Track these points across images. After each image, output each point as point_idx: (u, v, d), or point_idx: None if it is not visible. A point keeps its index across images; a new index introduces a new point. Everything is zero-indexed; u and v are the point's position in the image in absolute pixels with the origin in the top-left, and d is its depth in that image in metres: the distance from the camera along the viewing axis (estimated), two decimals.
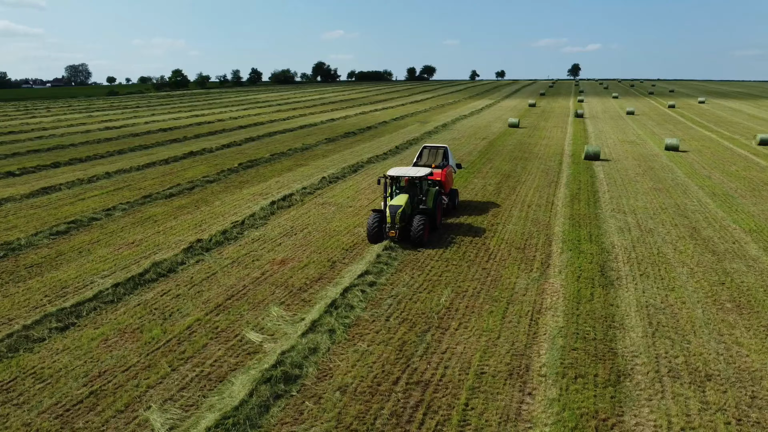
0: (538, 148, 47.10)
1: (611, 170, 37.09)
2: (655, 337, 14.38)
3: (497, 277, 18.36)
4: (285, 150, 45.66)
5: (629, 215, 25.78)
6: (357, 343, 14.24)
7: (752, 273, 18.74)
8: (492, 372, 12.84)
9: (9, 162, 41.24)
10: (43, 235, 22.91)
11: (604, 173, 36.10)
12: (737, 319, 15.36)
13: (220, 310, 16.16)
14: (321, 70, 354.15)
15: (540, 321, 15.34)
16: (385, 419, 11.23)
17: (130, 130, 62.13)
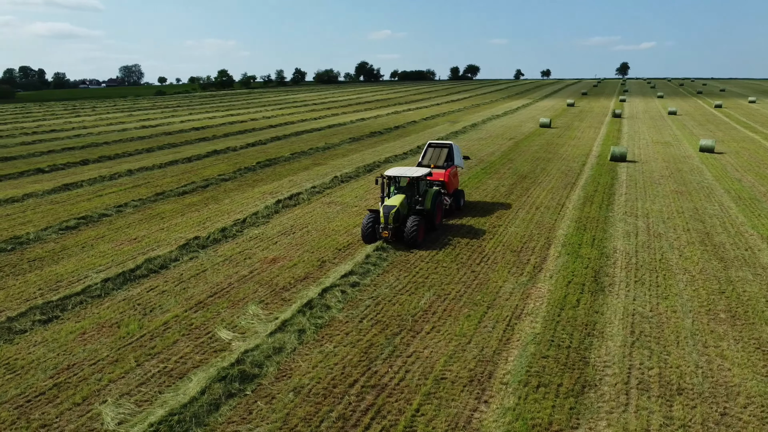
0: (564, 149, 45.98)
1: (635, 172, 35.86)
2: (634, 347, 13.76)
3: (484, 281, 17.95)
4: (306, 149, 45.97)
5: (641, 219, 24.83)
6: (324, 344, 14.14)
7: (758, 282, 17.76)
8: (453, 378, 12.53)
9: (43, 159, 42.88)
10: (52, 230, 23.65)
11: (626, 175, 34.93)
12: (728, 331, 14.56)
13: (199, 308, 16.32)
14: (364, 70, 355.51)
15: (516, 327, 14.90)
16: (331, 422, 11.08)
17: (164, 129, 63.74)
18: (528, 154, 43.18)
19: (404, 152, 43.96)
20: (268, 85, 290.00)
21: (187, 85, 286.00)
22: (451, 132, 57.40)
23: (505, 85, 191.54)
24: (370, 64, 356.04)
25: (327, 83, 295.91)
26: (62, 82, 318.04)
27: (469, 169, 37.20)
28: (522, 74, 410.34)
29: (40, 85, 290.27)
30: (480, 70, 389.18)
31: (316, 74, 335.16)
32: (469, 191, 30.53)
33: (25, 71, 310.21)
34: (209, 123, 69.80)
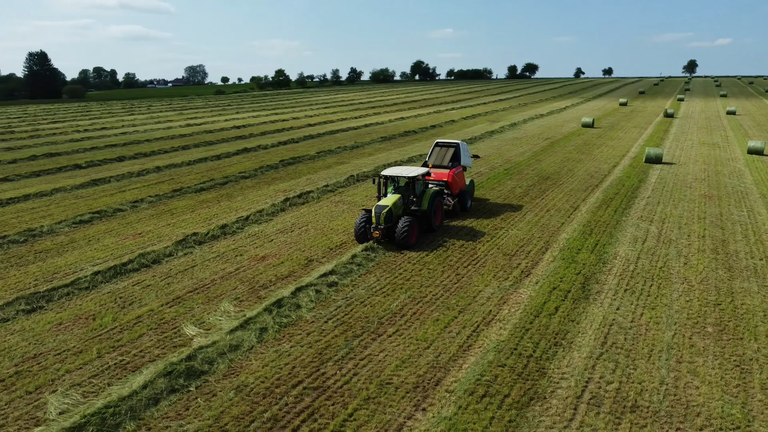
0: (600, 150, 44.33)
1: (668, 174, 34.15)
2: (600, 360, 13.04)
3: (466, 284, 17.47)
4: (334, 148, 46.19)
5: (655, 224, 23.59)
6: (283, 343, 14.09)
7: (762, 294, 16.53)
8: (398, 383, 12.22)
9: (84, 155, 44.85)
10: (65, 224, 24.64)
11: (657, 178, 33.31)
12: (710, 346, 13.60)
13: (175, 303, 16.58)
14: (419, 69, 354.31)
15: (482, 333, 14.41)
16: (261, 423, 11.01)
17: (207, 128, 65.50)
18: (559, 155, 41.87)
19: (424, 153, 43.41)
20: (324, 84, 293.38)
21: (246, 85, 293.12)
22: (487, 131, 56.39)
23: (561, 83, 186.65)
24: (425, 63, 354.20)
25: (382, 82, 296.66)
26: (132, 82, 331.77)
27: (492, 169, 36.42)
28: (582, 72, 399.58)
29: (112, 84, 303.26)
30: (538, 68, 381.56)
31: (371, 73, 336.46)
32: (484, 192, 29.87)
33: (99, 72, 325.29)
34: (251, 122, 71.25)
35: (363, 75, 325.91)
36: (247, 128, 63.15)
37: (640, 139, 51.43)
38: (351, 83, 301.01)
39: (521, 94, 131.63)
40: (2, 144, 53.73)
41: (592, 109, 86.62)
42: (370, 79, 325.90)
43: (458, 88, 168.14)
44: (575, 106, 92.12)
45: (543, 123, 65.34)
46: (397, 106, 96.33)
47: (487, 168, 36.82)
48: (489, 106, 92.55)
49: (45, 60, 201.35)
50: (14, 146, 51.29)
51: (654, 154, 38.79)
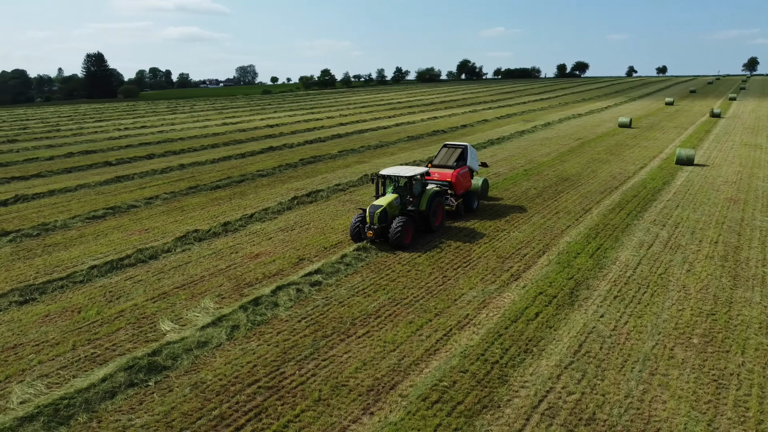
0: (630, 151, 42.83)
1: (696, 177, 32.68)
2: (568, 369, 12.54)
3: (450, 287, 17.13)
4: (358, 147, 46.22)
5: (667, 228, 22.58)
6: (251, 341, 14.13)
7: (762, 305, 15.58)
8: (353, 385, 12.06)
9: (117, 153, 46.36)
10: (79, 219, 25.46)
11: (683, 180, 31.92)
12: (690, 358, 12.88)
13: (160, 298, 16.87)
14: (465, 68, 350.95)
15: (453, 337, 14.08)
16: (207, 420, 11.04)
17: (241, 126, 66.69)
18: (586, 156, 40.67)
19: None
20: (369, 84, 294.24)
21: (293, 85, 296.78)
22: (518, 131, 55.31)
23: (609, 83, 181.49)
24: (472, 62, 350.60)
25: (428, 82, 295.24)
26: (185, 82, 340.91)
27: (512, 169, 35.68)
28: (635, 71, 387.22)
29: (166, 84, 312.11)
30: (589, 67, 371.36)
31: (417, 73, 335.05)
32: (497, 192, 29.28)
33: (155, 72, 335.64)
34: (286, 121, 72.11)
35: (409, 75, 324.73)
36: (279, 127, 63.93)
37: (678, 140, 49.44)
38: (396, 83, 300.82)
39: (565, 93, 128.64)
40: (46, 141, 56.09)
41: (634, 108, 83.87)
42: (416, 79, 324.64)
43: (502, 87, 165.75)
44: (617, 106, 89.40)
45: (579, 123, 63.66)
46: (435, 106, 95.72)
47: (507, 168, 36.11)
48: (527, 106, 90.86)
49: (102, 61, 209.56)
50: (56, 144, 53.44)
51: (685, 155, 37.19)
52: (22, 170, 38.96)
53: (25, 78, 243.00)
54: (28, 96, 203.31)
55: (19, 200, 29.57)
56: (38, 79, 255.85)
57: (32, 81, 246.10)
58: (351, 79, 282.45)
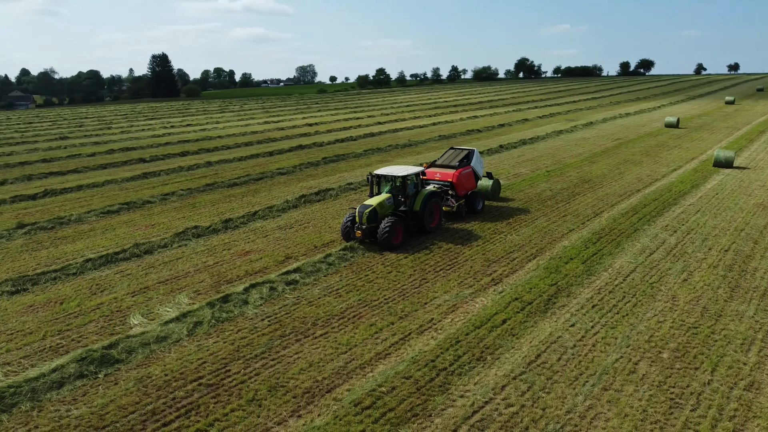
0: (669, 153, 40.82)
1: (730, 180, 30.80)
2: (516, 380, 12.01)
3: (426, 290, 16.76)
4: (384, 146, 46.06)
5: (678, 234, 21.36)
6: (210, 338, 14.25)
7: (754, 320, 14.48)
8: (291, 387, 11.96)
9: (155, 150, 47.94)
10: (94, 214, 26.43)
11: (716, 183, 30.14)
12: (652, 374, 12.09)
13: (140, 292, 17.26)
14: (524, 67, 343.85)
15: (410, 342, 13.75)
16: (139, 414, 11.18)
17: (280, 125, 67.80)
18: (618, 157, 39.03)
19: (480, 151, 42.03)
20: (424, 83, 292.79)
21: (348, 84, 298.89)
22: (555, 131, 53.72)
23: (671, 81, 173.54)
24: (530, 61, 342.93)
25: (485, 81, 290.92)
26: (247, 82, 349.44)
27: (535, 170, 34.68)
28: (704, 69, 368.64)
29: (229, 84, 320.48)
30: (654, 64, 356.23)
31: (473, 72, 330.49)
32: (511, 193, 28.50)
33: (219, 72, 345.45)
34: (325, 120, 72.76)
35: (466, 73, 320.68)
36: (316, 126, 64.53)
37: (725, 141, 46.76)
38: (451, 82, 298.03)
39: (620, 92, 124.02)
40: (95, 138, 58.65)
41: (689, 108, 79.94)
42: (473, 78, 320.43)
43: (557, 86, 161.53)
44: (672, 105, 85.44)
45: (623, 122, 61.22)
46: (480, 105, 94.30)
47: (529, 169, 35.11)
48: (576, 105, 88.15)
49: (166, 62, 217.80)
50: (101, 141, 55.82)
51: (724, 157, 35.11)
52: (62, 166, 40.85)
53: (98, 78, 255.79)
54: (99, 95, 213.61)
55: (48, 195, 30.98)
56: (110, 79, 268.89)
57: (104, 81, 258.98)
58: (406, 78, 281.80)
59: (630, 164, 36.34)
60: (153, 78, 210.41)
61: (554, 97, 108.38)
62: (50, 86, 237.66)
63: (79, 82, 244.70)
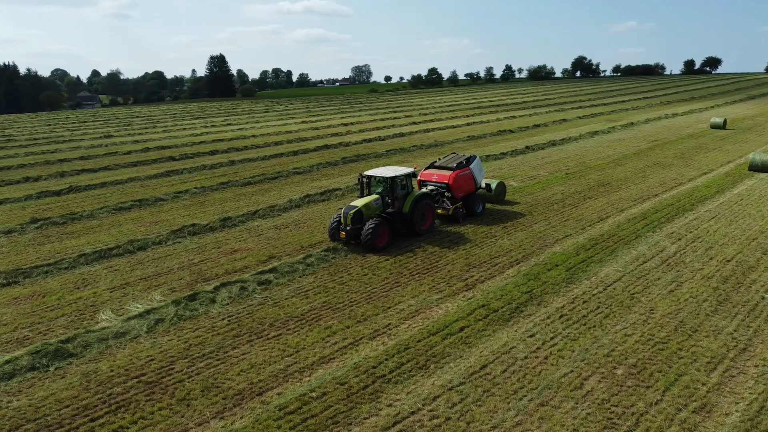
0: (705, 155, 38.78)
1: (761, 185, 28.96)
2: (450, 392, 11.62)
3: (394, 294, 16.48)
4: (408, 147, 45.72)
5: (682, 242, 20.23)
6: (167, 335, 14.43)
7: (732, 336, 13.51)
8: (224, 388, 11.97)
9: (188, 149, 49.24)
10: (107, 210, 27.34)
11: (743, 188, 28.41)
12: (599, 390, 11.44)
13: (120, 288, 17.71)
14: (581, 65, 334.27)
15: (359, 347, 13.55)
16: (74, 408, 11.44)
17: (317, 125, 68.48)
18: (649, 160, 37.35)
19: (502, 152, 41.20)
20: (476, 82, 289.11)
21: (400, 84, 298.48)
22: (590, 132, 51.96)
23: (735, 80, 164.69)
24: (588, 59, 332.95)
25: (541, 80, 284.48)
26: (304, 82, 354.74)
27: (554, 172, 33.63)
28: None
29: (286, 84, 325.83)
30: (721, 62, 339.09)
31: (528, 71, 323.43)
32: (520, 196, 27.72)
33: (277, 72, 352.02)
34: (361, 120, 72.96)
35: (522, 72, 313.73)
36: (351, 126, 64.74)
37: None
38: (505, 81, 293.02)
39: (676, 91, 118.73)
40: (137, 137, 60.79)
41: (745, 108, 75.71)
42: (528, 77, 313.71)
43: (611, 85, 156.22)
44: (727, 105, 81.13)
45: (667, 124, 58.59)
46: (523, 104, 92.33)
47: (548, 171, 34.06)
48: (623, 105, 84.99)
49: (223, 63, 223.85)
50: (141, 140, 57.82)
51: (760, 161, 33.05)
52: (96, 163, 42.53)
53: (161, 79, 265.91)
54: (160, 95, 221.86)
55: (72, 191, 32.28)
56: (174, 79, 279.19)
57: (168, 82, 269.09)
58: (458, 77, 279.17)
59: (658, 167, 34.69)
60: (210, 78, 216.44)
61: (604, 97, 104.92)
62: (117, 87, 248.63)
63: (144, 82, 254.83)
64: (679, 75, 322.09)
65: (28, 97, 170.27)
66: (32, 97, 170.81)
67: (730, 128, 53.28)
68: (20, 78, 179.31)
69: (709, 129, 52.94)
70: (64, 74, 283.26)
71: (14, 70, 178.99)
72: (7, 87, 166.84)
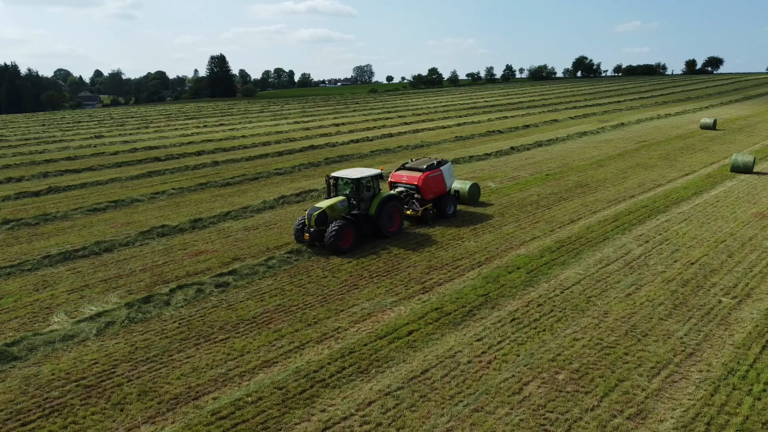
0: (690, 156, 38.58)
1: (740, 186, 28.77)
2: (386, 397, 11.51)
3: (349, 297, 16.38)
4: (393, 147, 45.62)
5: (649, 245, 20.09)
6: (116, 338, 14.35)
7: (680, 342, 13.37)
8: (161, 392, 11.87)
9: (174, 149, 49.14)
10: (80, 211, 27.28)
11: (722, 190, 28.23)
12: (537, 396, 11.32)
13: (78, 290, 17.63)
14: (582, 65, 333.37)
15: (304, 351, 13.46)
16: (7, 413, 11.35)
17: (308, 125, 68.36)
18: (632, 161, 37.18)
19: (486, 153, 41.06)
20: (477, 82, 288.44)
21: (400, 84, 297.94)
22: (578, 132, 51.79)
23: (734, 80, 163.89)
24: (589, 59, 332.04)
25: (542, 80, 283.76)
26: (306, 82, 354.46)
27: (535, 173, 33.48)
28: None
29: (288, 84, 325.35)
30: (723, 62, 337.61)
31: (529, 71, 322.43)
32: (495, 197, 27.59)
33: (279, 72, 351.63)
34: (353, 121, 72.84)
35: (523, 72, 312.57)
36: (341, 127, 64.62)
37: (759, 144, 43.81)
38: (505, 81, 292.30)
39: (673, 91, 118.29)
40: (127, 137, 60.76)
41: (740, 109, 75.37)
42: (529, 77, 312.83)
43: (610, 85, 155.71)
44: (723, 105, 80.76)
45: (658, 124, 58.35)
46: (518, 105, 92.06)
47: (529, 172, 33.92)
48: (618, 105, 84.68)
49: (223, 63, 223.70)
50: (130, 140, 57.81)
51: (742, 162, 32.85)
52: (82, 164, 42.51)
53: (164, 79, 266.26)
54: (161, 96, 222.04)
55: (51, 192, 32.24)
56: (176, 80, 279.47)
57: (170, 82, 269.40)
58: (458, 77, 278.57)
59: (641, 168, 34.53)
60: (211, 79, 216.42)
61: (600, 97, 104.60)
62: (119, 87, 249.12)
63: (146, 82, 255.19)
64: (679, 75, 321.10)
65: (29, 97, 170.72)
66: (33, 97, 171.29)
67: (721, 129, 53.05)
68: (21, 78, 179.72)
69: (699, 129, 52.70)
70: (67, 74, 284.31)
71: (15, 71, 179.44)
72: (8, 87, 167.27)
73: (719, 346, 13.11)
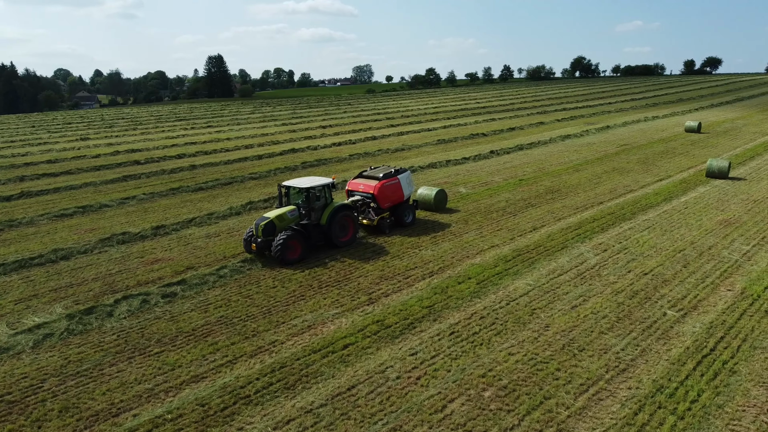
0: (670, 160, 38.44)
1: (712, 192, 28.63)
2: (307, 415, 11.40)
3: (294, 308, 16.26)
4: (373, 151, 45.48)
5: (606, 254, 19.97)
6: (50, 351, 14.23)
7: (615, 357, 13.25)
8: (83, 408, 11.77)
9: (155, 152, 49.04)
10: (47, 217, 27.18)
11: (693, 196, 28.11)
12: (458, 413, 11.21)
13: (27, 300, 17.51)
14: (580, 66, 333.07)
15: (234, 366, 13.35)
16: None
17: (294, 128, 68.19)
18: (609, 165, 37.05)
19: (464, 157, 40.92)
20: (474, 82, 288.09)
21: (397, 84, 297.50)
22: (561, 135, 51.66)
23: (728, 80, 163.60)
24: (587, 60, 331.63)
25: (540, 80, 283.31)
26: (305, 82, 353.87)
27: (507, 179, 33.36)
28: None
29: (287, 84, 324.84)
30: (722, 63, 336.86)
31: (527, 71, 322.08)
32: (462, 204, 27.46)
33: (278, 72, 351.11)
34: (340, 122, 72.72)
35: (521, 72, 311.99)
36: (325, 129, 64.52)
37: (740, 148, 43.67)
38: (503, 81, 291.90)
39: (666, 92, 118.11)
40: (113, 140, 60.61)
41: (729, 111, 75.19)
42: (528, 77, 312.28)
43: (605, 86, 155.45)
44: (712, 108, 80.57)
45: (643, 127, 58.20)
46: (510, 106, 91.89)
47: (502, 177, 33.80)
48: (609, 107, 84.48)
49: (221, 63, 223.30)
50: (115, 143, 57.65)
51: (717, 167, 32.72)
52: (61, 167, 42.37)
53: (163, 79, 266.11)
54: (159, 96, 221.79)
55: (24, 196, 32.12)
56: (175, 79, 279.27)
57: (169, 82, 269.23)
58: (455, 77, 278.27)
59: (616, 173, 34.41)
60: (208, 79, 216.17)
61: (593, 99, 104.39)
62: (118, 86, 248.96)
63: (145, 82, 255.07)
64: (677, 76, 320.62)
65: (27, 97, 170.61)
66: (31, 97, 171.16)
67: (705, 132, 52.91)
68: (18, 78, 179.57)
69: (683, 133, 52.57)
70: (67, 74, 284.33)
71: (12, 71, 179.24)
72: (5, 87, 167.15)
73: (654, 361, 13.00)
